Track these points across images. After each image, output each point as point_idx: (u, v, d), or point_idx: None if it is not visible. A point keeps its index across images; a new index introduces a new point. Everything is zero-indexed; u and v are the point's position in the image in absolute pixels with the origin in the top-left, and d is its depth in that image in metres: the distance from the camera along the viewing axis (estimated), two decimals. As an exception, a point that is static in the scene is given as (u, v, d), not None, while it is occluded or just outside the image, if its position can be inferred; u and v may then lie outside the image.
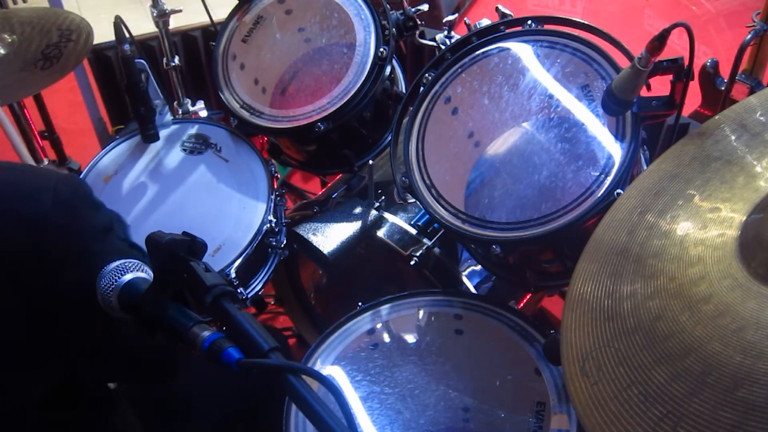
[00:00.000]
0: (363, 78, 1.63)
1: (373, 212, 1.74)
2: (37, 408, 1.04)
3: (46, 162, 2.22)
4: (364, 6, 1.71)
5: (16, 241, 0.94)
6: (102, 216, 1.05)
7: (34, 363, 1.01)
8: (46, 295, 0.96)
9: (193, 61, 2.79)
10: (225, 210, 1.65)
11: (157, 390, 1.45)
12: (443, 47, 1.61)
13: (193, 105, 2.08)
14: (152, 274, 0.95)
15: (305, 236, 1.73)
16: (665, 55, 1.22)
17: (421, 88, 1.55)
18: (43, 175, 1.01)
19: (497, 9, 1.55)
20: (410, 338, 1.45)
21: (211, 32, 2.10)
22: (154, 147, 1.78)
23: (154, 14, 1.90)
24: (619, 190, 1.26)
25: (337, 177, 2.06)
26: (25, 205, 0.95)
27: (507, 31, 1.52)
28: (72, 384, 1.07)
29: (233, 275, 1.57)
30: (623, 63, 1.31)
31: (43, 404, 1.05)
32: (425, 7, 1.75)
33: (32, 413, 1.04)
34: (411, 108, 1.55)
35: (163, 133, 1.79)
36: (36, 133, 2.28)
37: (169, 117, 1.83)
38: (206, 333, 0.86)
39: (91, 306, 0.98)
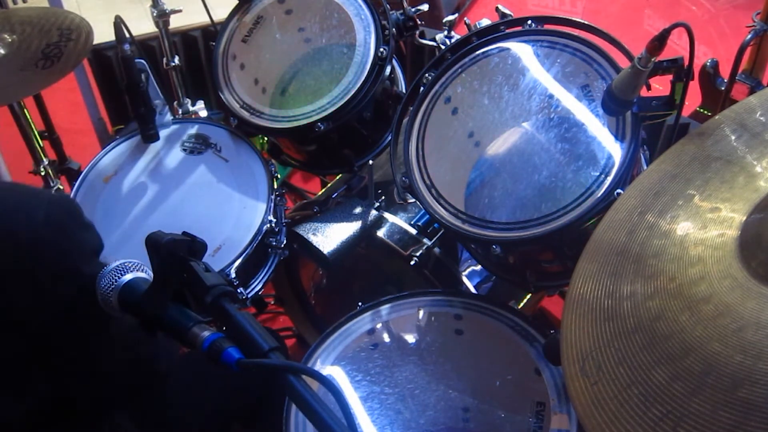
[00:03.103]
0: (363, 78, 1.63)
1: (373, 212, 1.74)
2: (26, 424, 1.04)
3: (46, 162, 2.21)
4: (364, 6, 1.71)
5: (7, 259, 0.93)
6: (92, 237, 1.05)
7: (20, 380, 1.01)
8: (36, 314, 0.96)
9: (193, 61, 2.79)
10: (225, 210, 1.65)
11: (154, 390, 1.45)
12: (443, 47, 1.61)
13: (193, 105, 2.08)
14: (152, 274, 0.95)
15: (305, 236, 1.73)
16: (665, 55, 1.22)
17: (421, 88, 1.55)
18: (35, 195, 1.01)
19: (497, 9, 1.55)
20: (410, 338, 1.45)
21: (211, 32, 2.11)
22: (154, 147, 1.78)
23: (154, 14, 1.90)
24: (619, 190, 1.26)
25: (337, 177, 2.06)
26: (16, 224, 0.95)
27: (507, 31, 1.52)
28: (61, 400, 1.06)
29: (233, 275, 1.57)
30: (623, 63, 1.31)
31: (32, 420, 1.04)
32: (425, 7, 1.76)
33: (20, 429, 1.04)
34: (411, 108, 1.55)
35: (163, 133, 1.79)
36: (36, 133, 2.27)
37: (169, 117, 1.83)
38: (206, 333, 0.87)
39: (80, 324, 0.98)
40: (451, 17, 1.66)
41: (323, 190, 2.09)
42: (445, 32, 1.66)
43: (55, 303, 0.97)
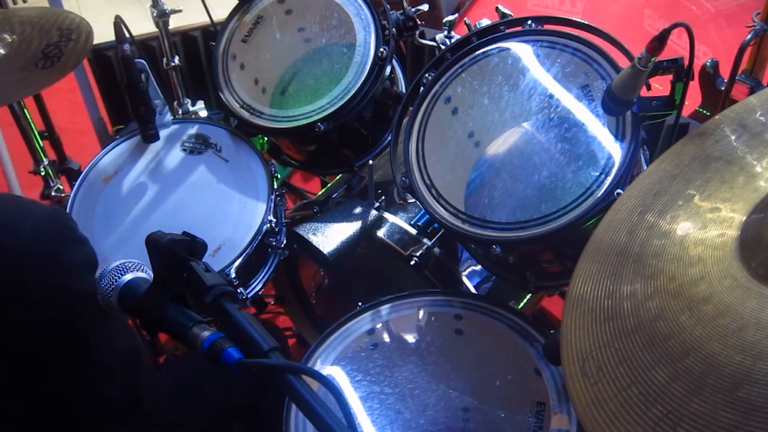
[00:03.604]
0: (363, 78, 1.63)
1: (373, 212, 1.74)
2: None
3: (46, 162, 2.21)
4: (364, 6, 1.71)
5: None
6: (85, 252, 1.03)
7: (8, 396, 1.00)
8: (22, 329, 0.95)
9: (193, 61, 2.79)
10: (225, 210, 1.65)
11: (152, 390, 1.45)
12: (443, 47, 1.61)
13: (193, 105, 2.08)
14: (152, 274, 0.95)
15: (305, 236, 1.73)
16: (665, 55, 1.22)
17: (421, 88, 1.55)
18: (25, 207, 0.99)
19: (497, 9, 1.55)
20: (410, 338, 1.45)
21: (211, 32, 2.10)
22: (154, 147, 1.78)
23: (154, 14, 1.90)
24: (619, 190, 1.26)
25: (337, 177, 2.06)
26: (2, 237, 0.94)
27: (507, 31, 1.53)
28: (46, 414, 1.05)
29: (233, 275, 1.57)
30: (623, 63, 1.31)
31: None
32: (425, 7, 1.76)
33: None
34: (411, 108, 1.55)
35: (163, 133, 1.79)
36: (36, 133, 2.27)
37: (169, 117, 1.82)
38: (206, 333, 0.86)
39: (71, 340, 0.97)
40: (451, 17, 1.66)
41: (323, 190, 2.09)
42: (445, 32, 1.66)
43: (42, 318, 0.95)
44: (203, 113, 2.06)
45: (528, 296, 1.86)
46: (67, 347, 1.00)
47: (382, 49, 1.64)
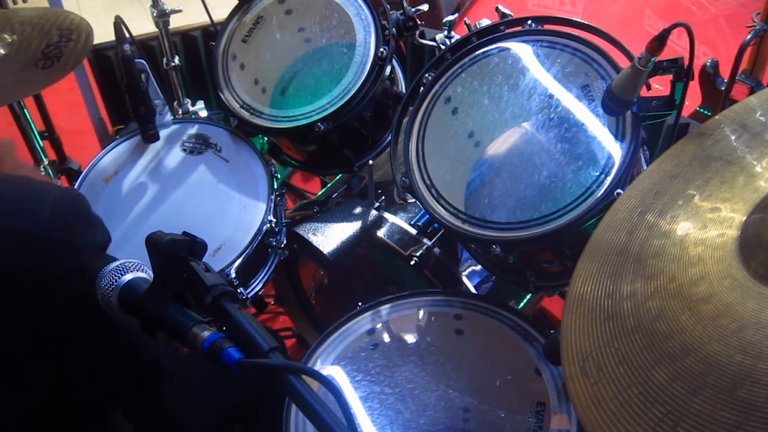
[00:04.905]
0: (363, 78, 1.63)
1: (373, 212, 1.74)
2: (26, 420, 1.03)
3: (46, 162, 2.21)
4: (364, 6, 1.71)
5: (11, 256, 0.92)
6: (98, 231, 1.03)
7: (22, 376, 1.00)
8: (42, 311, 0.95)
9: (193, 61, 2.79)
10: (225, 210, 1.65)
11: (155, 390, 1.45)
12: (443, 47, 1.61)
13: (193, 105, 2.08)
14: (152, 274, 0.95)
15: (305, 236, 1.73)
16: (665, 55, 1.22)
17: (421, 88, 1.55)
18: (40, 190, 0.99)
19: (497, 9, 1.55)
20: (410, 338, 1.45)
21: (211, 32, 2.11)
22: (154, 147, 1.78)
23: (154, 14, 1.90)
24: (619, 190, 1.26)
25: (337, 177, 2.06)
26: (20, 220, 0.94)
27: (507, 31, 1.53)
28: (61, 397, 1.06)
29: (233, 275, 1.57)
30: (623, 63, 1.31)
31: (32, 416, 1.03)
32: (425, 7, 1.76)
33: (20, 425, 1.03)
34: (411, 108, 1.55)
35: (163, 133, 1.79)
36: (36, 133, 2.28)
37: (169, 117, 1.83)
38: (206, 333, 0.86)
39: (85, 321, 0.97)
40: (451, 17, 1.66)
41: (323, 190, 2.09)
42: (445, 32, 1.66)
43: (61, 300, 0.96)
44: (203, 113, 2.06)
45: (528, 296, 1.86)
46: (82, 331, 1.00)
47: (382, 49, 1.64)
